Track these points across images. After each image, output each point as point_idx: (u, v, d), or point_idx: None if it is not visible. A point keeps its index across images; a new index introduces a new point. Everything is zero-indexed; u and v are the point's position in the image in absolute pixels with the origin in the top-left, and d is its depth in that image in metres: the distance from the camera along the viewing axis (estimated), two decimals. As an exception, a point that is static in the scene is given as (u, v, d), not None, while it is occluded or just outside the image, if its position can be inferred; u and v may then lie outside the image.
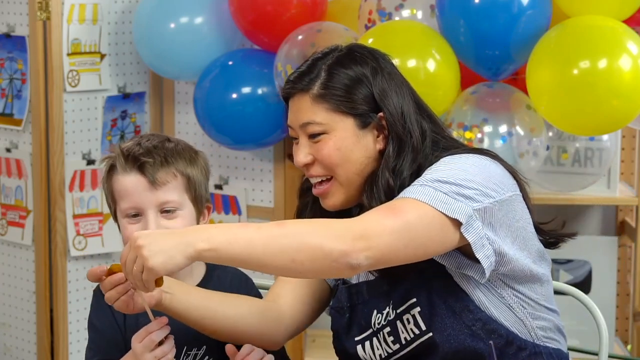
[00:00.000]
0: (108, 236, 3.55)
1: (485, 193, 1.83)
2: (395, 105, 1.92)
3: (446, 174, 1.83)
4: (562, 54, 2.73)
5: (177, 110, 3.72)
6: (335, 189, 1.95)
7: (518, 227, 1.90)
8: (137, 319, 1.94)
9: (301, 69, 1.97)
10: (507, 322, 1.92)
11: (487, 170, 1.88)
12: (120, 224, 2.01)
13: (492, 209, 1.83)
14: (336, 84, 1.91)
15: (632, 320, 3.59)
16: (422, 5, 3.02)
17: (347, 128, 1.92)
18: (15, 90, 3.50)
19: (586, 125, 2.82)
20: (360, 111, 1.92)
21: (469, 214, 1.80)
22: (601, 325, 2.16)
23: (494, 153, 1.97)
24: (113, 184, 2.00)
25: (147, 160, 1.96)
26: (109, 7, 3.55)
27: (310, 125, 1.93)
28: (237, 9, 3.28)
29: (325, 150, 1.92)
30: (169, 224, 1.97)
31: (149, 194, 1.96)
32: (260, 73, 3.32)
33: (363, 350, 1.99)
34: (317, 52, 2.00)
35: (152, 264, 1.68)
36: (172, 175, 1.98)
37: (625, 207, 3.72)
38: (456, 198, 1.80)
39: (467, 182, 1.82)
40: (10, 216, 3.56)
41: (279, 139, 3.45)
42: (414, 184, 1.83)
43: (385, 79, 1.94)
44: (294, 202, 3.54)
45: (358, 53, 1.96)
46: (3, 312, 3.63)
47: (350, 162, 1.93)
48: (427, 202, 1.78)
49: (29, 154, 3.48)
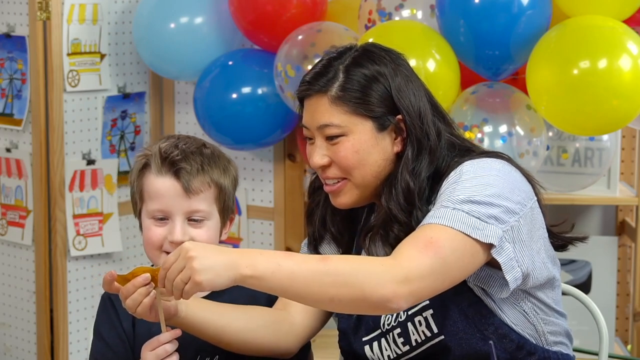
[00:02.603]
0: (108, 236, 3.55)
1: (511, 210, 1.83)
2: (413, 108, 1.92)
3: (473, 190, 1.82)
4: (562, 54, 2.73)
5: (177, 110, 3.72)
6: (348, 189, 1.95)
7: (539, 236, 1.91)
8: (150, 329, 1.92)
9: (317, 69, 1.95)
10: (520, 327, 1.92)
11: (510, 179, 1.88)
12: (144, 224, 1.99)
13: (518, 227, 1.84)
14: (355, 86, 1.90)
15: (632, 320, 3.59)
16: (422, 5, 3.02)
17: (366, 131, 1.91)
18: (15, 90, 3.50)
19: (586, 125, 2.82)
20: (378, 114, 1.91)
21: (499, 236, 1.81)
22: (601, 326, 2.16)
23: (507, 156, 1.97)
24: (144, 183, 1.98)
25: (185, 166, 1.94)
26: (109, 7, 3.54)
27: (328, 127, 1.91)
28: (237, 9, 3.28)
29: (342, 153, 1.91)
30: (195, 232, 1.95)
31: (181, 200, 1.94)
32: (260, 73, 3.32)
33: (371, 350, 1.98)
34: (332, 51, 1.98)
35: (200, 279, 1.68)
36: (206, 185, 1.96)
37: (625, 207, 3.72)
38: (487, 221, 1.80)
39: (494, 198, 1.82)
40: (10, 216, 3.56)
41: (279, 139, 3.45)
42: (445, 206, 1.82)
43: (402, 80, 1.93)
44: (294, 202, 3.58)
45: (375, 53, 1.95)
46: (3, 312, 3.63)
47: (367, 164, 1.92)
48: (459, 230, 1.78)
49: (29, 154, 3.48)
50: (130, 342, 1.98)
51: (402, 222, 1.90)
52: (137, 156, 2.03)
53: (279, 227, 3.58)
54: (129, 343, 1.98)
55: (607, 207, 3.77)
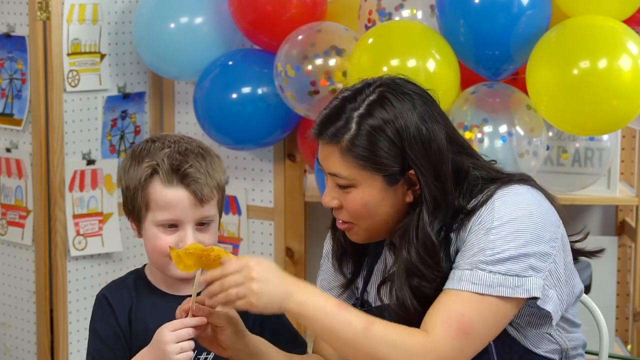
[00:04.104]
0: (108, 236, 3.55)
1: (545, 253, 1.83)
2: (427, 161, 1.85)
3: (506, 241, 1.81)
4: (562, 54, 2.73)
5: (177, 110, 3.72)
6: (356, 231, 1.94)
7: (569, 260, 1.92)
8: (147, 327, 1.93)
9: (330, 112, 1.89)
10: (543, 349, 1.93)
11: (540, 213, 1.86)
12: (150, 232, 1.97)
13: (555, 268, 1.85)
14: (364, 142, 1.84)
15: (632, 320, 3.59)
16: (422, 5, 3.02)
17: (375, 185, 1.86)
18: (15, 90, 3.50)
19: (586, 125, 2.81)
20: (389, 171, 1.85)
21: (541, 286, 1.81)
22: (601, 325, 2.16)
23: (531, 179, 1.95)
24: (151, 193, 1.96)
25: (197, 177, 1.94)
26: (109, 7, 3.54)
27: (337, 177, 1.88)
28: (237, 9, 3.28)
29: (351, 204, 1.89)
30: (203, 237, 1.96)
31: (193, 209, 1.94)
32: (260, 73, 3.32)
33: None
34: (347, 89, 1.92)
35: (256, 302, 1.74)
36: (214, 192, 1.97)
37: (625, 207, 3.72)
38: (525, 275, 1.80)
39: (529, 247, 1.81)
40: (10, 216, 3.56)
41: (279, 139, 3.45)
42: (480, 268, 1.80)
43: (417, 126, 1.84)
44: (294, 202, 3.58)
45: (390, 98, 1.87)
46: (3, 312, 3.63)
47: (376, 215, 1.89)
48: (498, 295, 1.79)
49: (29, 154, 3.48)
50: (126, 338, 1.98)
51: (428, 278, 1.87)
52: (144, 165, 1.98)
53: (279, 227, 3.58)
54: (126, 340, 1.98)
55: (607, 207, 3.76)
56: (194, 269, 1.86)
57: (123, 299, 2.01)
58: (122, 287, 2.04)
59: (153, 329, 1.86)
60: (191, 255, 1.84)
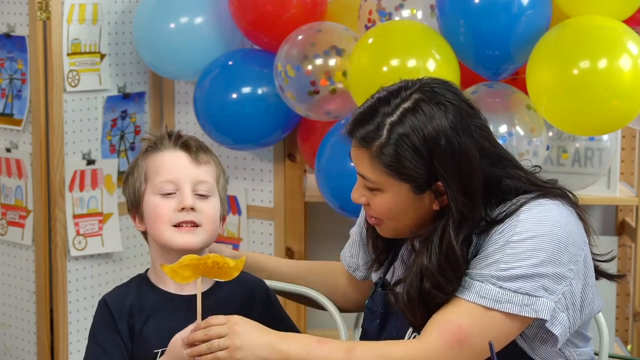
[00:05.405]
0: (108, 236, 3.55)
1: (561, 276, 1.82)
2: (457, 182, 1.83)
3: (521, 259, 1.80)
4: (562, 54, 2.73)
5: (177, 110, 3.72)
6: (384, 228, 1.95)
7: (591, 283, 1.90)
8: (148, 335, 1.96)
9: (363, 112, 1.88)
10: None
11: (565, 233, 1.85)
12: (151, 202, 2.01)
13: (570, 291, 1.83)
14: (392, 152, 1.82)
15: (632, 320, 3.59)
16: (422, 5, 3.02)
17: (401, 192, 1.86)
18: (15, 90, 3.50)
19: (586, 125, 2.81)
20: (417, 182, 1.84)
21: (551, 309, 1.80)
22: (602, 325, 2.16)
23: (566, 192, 1.94)
24: (149, 162, 2.03)
25: (192, 143, 2.04)
26: (109, 7, 3.54)
27: (366, 179, 1.88)
28: (237, 9, 3.28)
29: (377, 206, 1.90)
30: (203, 205, 2.00)
31: (189, 168, 2.01)
32: (260, 73, 3.32)
33: None
34: (384, 89, 1.90)
35: (238, 355, 1.80)
36: (210, 160, 2.05)
37: (625, 207, 3.72)
38: (536, 295, 1.79)
39: (544, 267, 1.80)
40: (10, 216, 3.56)
41: (279, 139, 3.45)
42: (492, 282, 1.80)
43: (448, 145, 1.82)
44: (294, 202, 3.57)
45: (424, 109, 1.83)
46: (3, 312, 3.63)
47: (402, 219, 1.90)
48: (506, 311, 1.79)
49: (29, 154, 3.48)
50: (127, 347, 1.98)
51: (445, 290, 1.85)
52: (142, 139, 2.14)
53: (279, 227, 3.58)
54: (125, 346, 1.98)
55: (607, 207, 3.76)
56: (193, 279, 1.86)
57: (124, 302, 2.01)
58: (124, 291, 2.05)
59: (156, 328, 1.86)
60: (187, 267, 1.84)
